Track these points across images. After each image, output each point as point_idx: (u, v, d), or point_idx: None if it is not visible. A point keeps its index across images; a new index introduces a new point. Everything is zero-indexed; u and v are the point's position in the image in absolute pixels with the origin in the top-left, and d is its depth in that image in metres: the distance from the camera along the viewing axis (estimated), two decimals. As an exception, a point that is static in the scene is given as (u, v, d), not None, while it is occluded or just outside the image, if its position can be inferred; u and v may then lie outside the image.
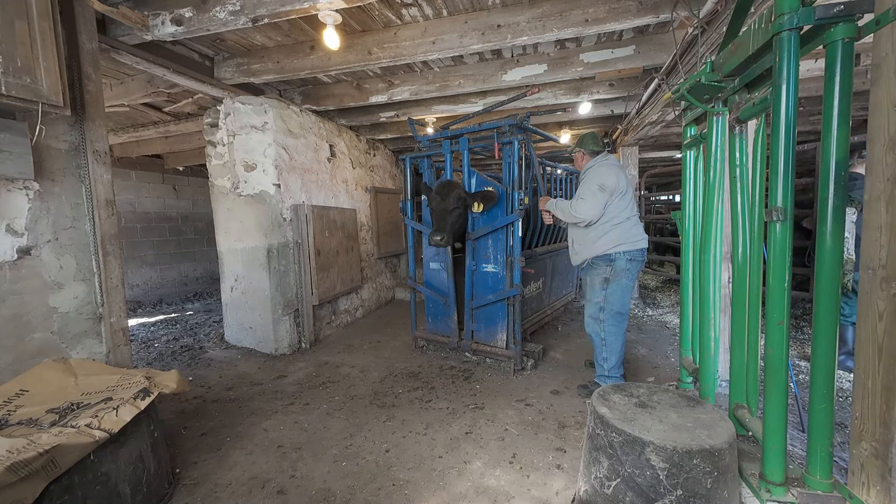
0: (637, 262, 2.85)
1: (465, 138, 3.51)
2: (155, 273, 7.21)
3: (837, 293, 1.28)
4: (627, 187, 2.87)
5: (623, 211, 2.82)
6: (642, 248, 2.85)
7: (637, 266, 2.85)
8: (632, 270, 2.83)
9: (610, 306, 2.83)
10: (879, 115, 1.22)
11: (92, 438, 1.52)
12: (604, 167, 2.89)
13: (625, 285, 2.83)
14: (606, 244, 2.82)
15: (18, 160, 1.94)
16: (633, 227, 2.83)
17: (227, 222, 4.18)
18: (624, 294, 2.84)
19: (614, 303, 2.83)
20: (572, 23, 2.69)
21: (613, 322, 2.84)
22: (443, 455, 2.30)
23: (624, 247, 2.80)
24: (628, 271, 2.82)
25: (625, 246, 2.80)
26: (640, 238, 2.85)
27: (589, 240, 2.90)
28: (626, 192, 2.85)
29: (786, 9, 1.27)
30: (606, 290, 2.84)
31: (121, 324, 2.47)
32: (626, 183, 2.86)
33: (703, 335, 2.07)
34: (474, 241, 3.57)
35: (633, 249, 2.81)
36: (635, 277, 2.88)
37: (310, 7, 2.35)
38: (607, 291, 2.84)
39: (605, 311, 2.84)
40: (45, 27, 1.88)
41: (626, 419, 1.49)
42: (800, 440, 2.23)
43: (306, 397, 3.07)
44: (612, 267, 2.83)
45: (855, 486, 1.34)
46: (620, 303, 2.83)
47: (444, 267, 3.79)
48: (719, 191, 1.99)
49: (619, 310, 2.83)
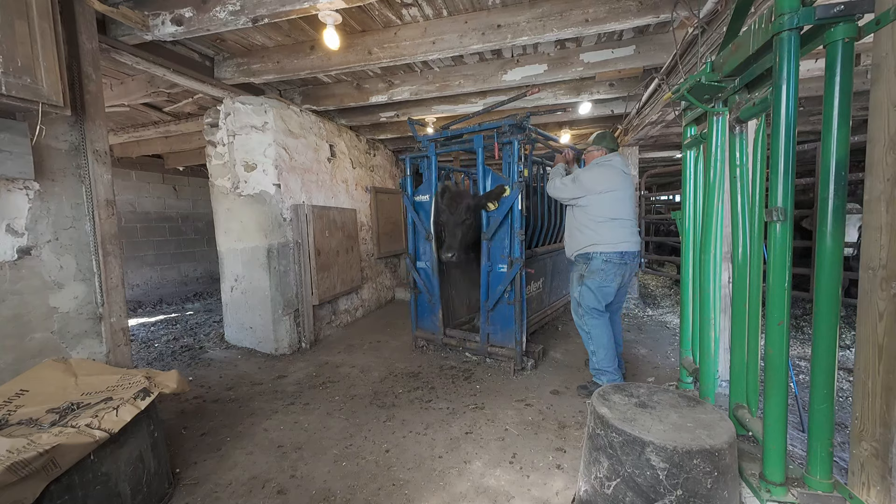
0: (613, 265, 2.79)
1: (480, 136, 3.44)
2: (155, 273, 7.21)
3: (838, 293, 1.28)
4: (616, 188, 2.82)
5: (608, 211, 2.80)
6: (622, 252, 2.79)
7: (613, 268, 2.80)
8: (607, 272, 2.80)
9: (585, 302, 2.88)
10: (879, 115, 1.22)
11: (92, 438, 1.52)
12: (597, 167, 2.92)
13: (598, 285, 2.82)
14: (584, 242, 2.87)
15: (19, 160, 1.94)
16: (616, 229, 2.80)
17: (227, 222, 4.18)
18: (597, 293, 2.84)
19: (588, 300, 2.87)
20: (572, 23, 2.69)
21: (592, 316, 2.88)
22: (443, 455, 2.30)
23: (601, 247, 2.79)
24: (603, 271, 2.80)
25: (602, 247, 2.79)
26: (624, 241, 2.79)
27: (573, 236, 3.00)
28: (612, 193, 2.80)
29: (786, 9, 1.27)
30: (581, 287, 2.90)
31: (121, 324, 2.47)
32: (610, 185, 2.81)
33: (703, 335, 2.07)
34: (490, 241, 3.48)
35: (611, 251, 2.78)
36: (612, 279, 2.81)
37: (310, 7, 2.35)
38: (582, 288, 2.89)
39: (581, 306, 2.91)
40: (46, 27, 1.88)
41: (627, 419, 1.49)
42: (800, 440, 2.24)
43: (306, 397, 3.07)
44: (588, 265, 2.87)
45: (855, 486, 1.34)
46: (595, 300, 2.85)
47: (430, 265, 3.80)
48: (719, 191, 1.99)
49: (593, 306, 2.87)
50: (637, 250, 2.87)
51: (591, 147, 3.13)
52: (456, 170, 4.61)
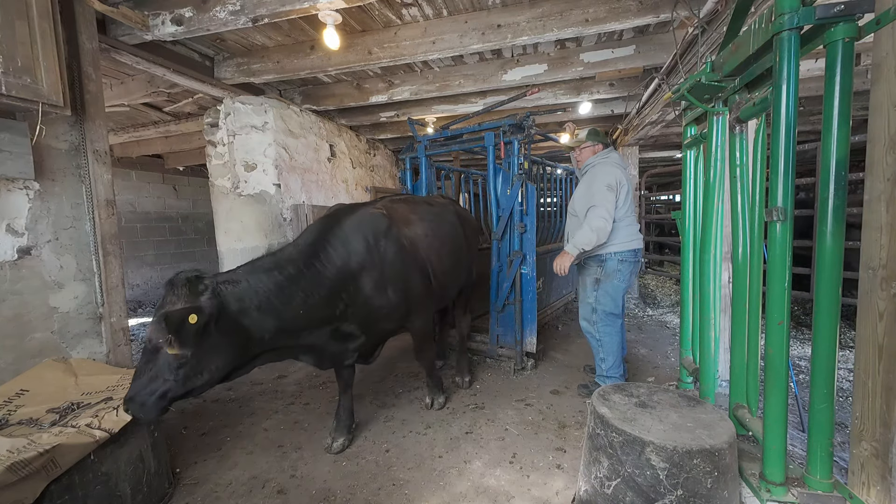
0: (629, 263, 2.77)
1: (491, 134, 3.36)
2: (155, 273, 7.21)
3: (838, 293, 1.28)
4: (621, 185, 2.76)
5: (617, 211, 2.74)
6: (635, 249, 2.78)
7: (629, 267, 2.78)
8: (623, 272, 2.77)
9: (602, 307, 2.79)
10: (879, 115, 1.22)
11: (92, 438, 1.52)
12: (606, 165, 2.81)
13: (616, 286, 2.77)
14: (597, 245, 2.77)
15: (19, 160, 1.94)
16: (626, 227, 2.77)
17: (227, 222, 4.18)
18: (616, 296, 2.78)
19: (606, 304, 2.79)
20: (572, 23, 2.70)
21: (606, 322, 2.80)
22: (443, 455, 2.30)
23: (615, 248, 2.75)
24: (620, 272, 2.76)
25: (615, 247, 2.75)
26: (633, 239, 2.78)
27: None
28: (620, 191, 2.75)
29: (786, 9, 1.27)
30: (597, 292, 2.80)
31: (121, 323, 2.47)
32: (625, 181, 2.80)
33: (703, 335, 2.07)
34: (500, 240, 3.42)
35: (625, 250, 2.75)
36: (628, 279, 2.80)
37: (310, 7, 2.35)
38: (598, 293, 2.80)
39: (596, 312, 2.81)
40: (46, 27, 1.88)
41: (627, 419, 1.49)
42: (800, 440, 2.23)
43: (306, 397, 3.07)
44: (602, 268, 2.79)
45: (855, 486, 1.34)
46: (613, 304, 2.79)
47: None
48: (719, 191, 1.99)
49: (611, 311, 2.79)
50: (642, 247, 2.85)
51: (586, 144, 2.96)
52: (455, 170, 4.61)
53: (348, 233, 2.18)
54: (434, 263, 2.61)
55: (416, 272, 2.44)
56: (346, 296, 2.09)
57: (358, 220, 2.26)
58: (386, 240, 2.28)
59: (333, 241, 2.12)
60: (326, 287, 2.01)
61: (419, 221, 2.64)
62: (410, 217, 2.62)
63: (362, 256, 2.15)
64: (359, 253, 2.15)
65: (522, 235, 3.29)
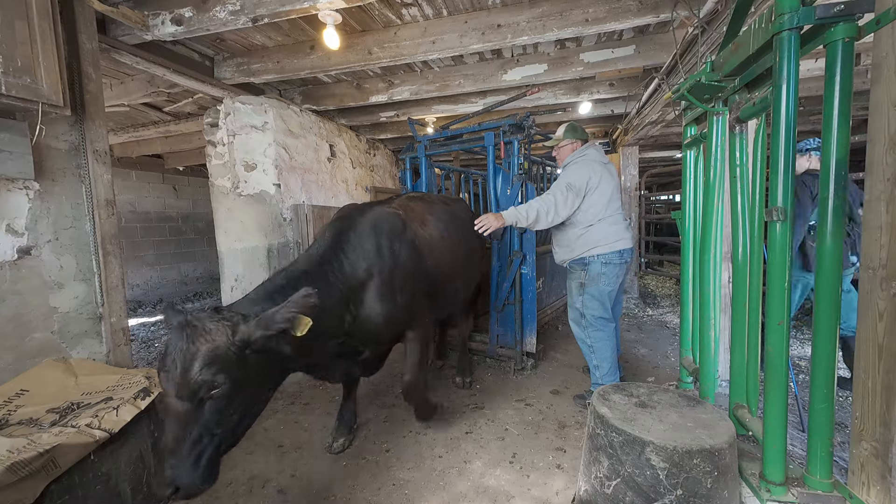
0: (614, 265, 2.65)
1: (491, 134, 3.36)
2: (155, 273, 7.21)
3: (838, 293, 1.28)
4: (600, 183, 2.64)
5: (598, 210, 2.64)
6: (621, 250, 2.64)
7: (614, 269, 2.66)
8: (608, 274, 2.65)
9: (590, 312, 2.68)
10: (879, 115, 1.22)
11: (92, 438, 1.52)
12: (581, 164, 2.71)
13: (601, 290, 2.66)
14: (580, 248, 2.69)
15: (18, 160, 1.94)
16: (608, 228, 2.64)
17: (227, 222, 4.18)
18: (603, 299, 2.67)
19: (594, 308, 2.67)
20: (572, 22, 2.69)
21: (597, 327, 2.67)
22: (443, 455, 2.30)
23: (598, 250, 2.63)
24: (605, 275, 2.64)
25: (599, 249, 2.63)
26: (619, 239, 2.64)
27: (564, 242, 2.80)
28: (599, 189, 2.63)
29: (786, 8, 1.27)
30: (584, 296, 2.70)
31: (121, 324, 2.47)
32: (596, 181, 2.64)
33: (703, 335, 2.07)
34: (500, 240, 3.40)
35: (609, 252, 2.62)
36: (614, 281, 2.69)
37: (310, 7, 2.35)
38: (584, 297, 2.69)
39: (585, 317, 2.70)
40: (45, 27, 1.88)
41: (626, 419, 1.49)
42: (800, 440, 2.23)
43: (306, 397, 3.07)
44: (586, 272, 2.68)
45: (855, 485, 1.34)
46: (601, 308, 2.67)
47: None
48: (719, 191, 1.99)
49: (600, 315, 2.68)
50: (633, 246, 2.76)
51: (564, 142, 2.88)
52: (455, 169, 4.61)
53: (364, 239, 2.12)
54: (447, 266, 2.57)
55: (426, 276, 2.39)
56: (353, 307, 2.02)
57: (372, 222, 2.21)
58: (400, 243, 2.23)
59: (347, 249, 2.06)
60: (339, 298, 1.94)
61: (435, 222, 2.63)
62: (427, 217, 2.60)
63: (374, 262, 2.10)
64: (371, 260, 2.10)
65: (522, 235, 3.29)
